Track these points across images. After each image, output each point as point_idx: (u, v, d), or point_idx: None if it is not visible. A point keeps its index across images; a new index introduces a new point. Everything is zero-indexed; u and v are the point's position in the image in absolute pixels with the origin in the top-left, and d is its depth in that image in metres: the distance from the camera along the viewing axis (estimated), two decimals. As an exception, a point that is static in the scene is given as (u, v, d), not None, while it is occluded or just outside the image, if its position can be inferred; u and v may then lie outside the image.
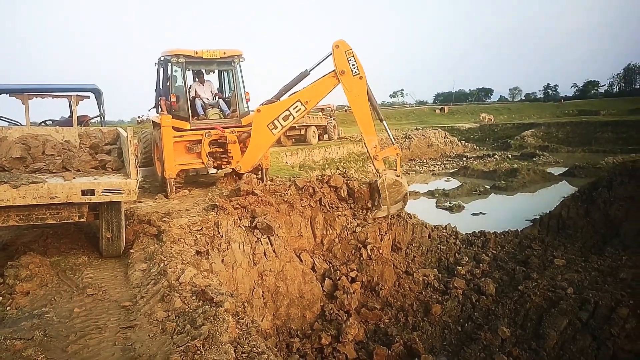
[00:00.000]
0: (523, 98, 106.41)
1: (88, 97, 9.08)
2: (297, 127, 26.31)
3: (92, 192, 5.21)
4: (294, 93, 9.31)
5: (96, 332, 3.96)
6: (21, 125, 8.47)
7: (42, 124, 9.51)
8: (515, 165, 27.06)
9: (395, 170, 9.59)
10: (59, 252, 6.17)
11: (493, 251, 11.43)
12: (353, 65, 8.78)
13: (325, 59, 9.07)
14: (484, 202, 20.81)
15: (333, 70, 8.95)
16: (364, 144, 9.39)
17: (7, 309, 4.37)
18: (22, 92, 8.52)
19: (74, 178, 5.46)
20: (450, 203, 20.01)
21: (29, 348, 3.57)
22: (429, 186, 24.99)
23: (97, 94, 9.20)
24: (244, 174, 9.55)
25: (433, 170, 30.99)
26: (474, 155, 36.07)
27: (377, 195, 9.47)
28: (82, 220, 5.68)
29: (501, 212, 18.45)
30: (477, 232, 12.61)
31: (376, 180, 9.49)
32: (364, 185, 10.02)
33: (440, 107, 73.68)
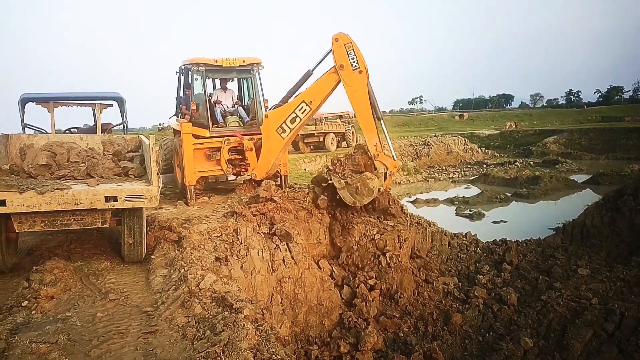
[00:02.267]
0: (545, 104, 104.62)
1: (111, 105, 9.28)
2: (315, 134, 26.45)
3: (115, 199, 5.31)
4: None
5: (118, 337, 4.02)
6: (47, 132, 8.69)
7: (67, 131, 9.74)
8: (537, 173, 26.58)
9: (384, 182, 8.77)
10: (83, 258, 6.29)
11: (515, 260, 11.23)
12: (353, 58, 8.31)
13: (326, 55, 8.72)
14: (505, 210, 20.49)
15: (333, 66, 8.58)
16: (365, 141, 8.76)
17: (33, 312, 4.47)
18: (48, 101, 8.75)
19: (98, 185, 5.57)
20: (470, 211, 19.76)
21: (53, 352, 3.63)
22: (449, 193, 24.73)
23: (120, 102, 9.39)
24: (263, 180, 9.62)
25: (452, 178, 30.68)
26: (495, 162, 35.60)
27: (353, 172, 8.77)
28: (105, 226, 5.79)
29: (523, 220, 18.15)
30: (498, 240, 12.41)
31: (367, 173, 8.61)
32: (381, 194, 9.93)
33: (460, 113, 73.00)
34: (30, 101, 8.79)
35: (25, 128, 8.87)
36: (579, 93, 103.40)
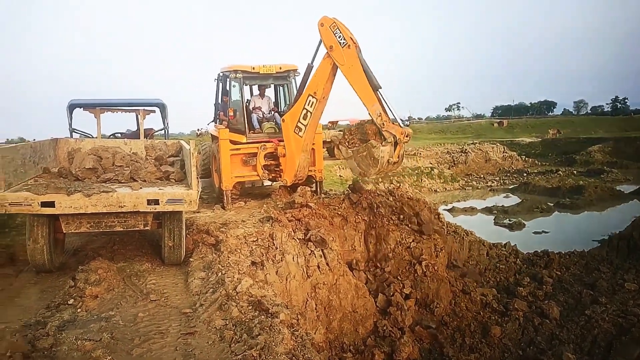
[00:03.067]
0: (589, 111, 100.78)
1: (154, 111, 9.58)
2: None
3: (157, 202, 5.45)
4: None
5: (159, 336, 4.11)
6: (93, 137, 9.05)
7: (112, 136, 10.11)
8: (581, 182, 25.61)
9: (397, 155, 8.20)
10: (125, 259, 6.49)
11: (557, 272, 10.84)
12: (339, 36, 8.15)
13: (319, 44, 8.60)
14: (546, 220, 19.83)
15: (326, 52, 8.45)
16: (369, 114, 8.26)
17: (78, 311, 4.63)
18: (95, 107, 9.12)
19: (141, 188, 5.75)
20: (509, 220, 19.23)
21: (97, 349, 3.76)
22: (487, 202, 24.16)
23: (162, 108, 9.68)
24: (299, 186, 9.67)
25: (491, 186, 29.95)
26: (536, 171, 34.53)
27: (361, 139, 8.40)
28: (146, 228, 5.97)
29: (565, 232, 17.53)
30: (539, 251, 12.02)
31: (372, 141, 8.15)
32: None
33: (499, 120, 71.26)
34: (78, 107, 9.18)
35: (73, 133, 9.25)
36: (626, 100, 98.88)
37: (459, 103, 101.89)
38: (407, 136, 8.06)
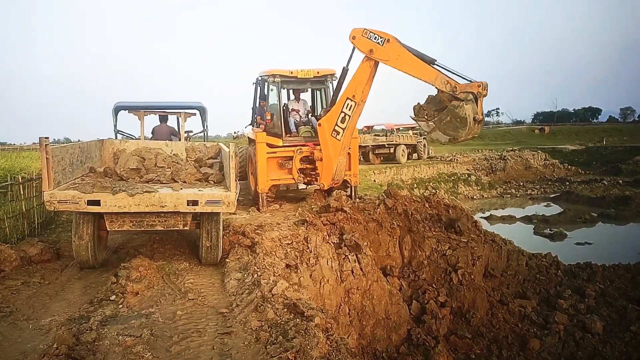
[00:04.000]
0: (636, 119, 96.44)
1: (194, 114, 9.80)
2: (386, 145, 26.24)
3: (196, 203, 5.57)
4: None
5: (196, 335, 4.19)
6: (136, 138, 9.34)
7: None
8: (628, 193, 24.53)
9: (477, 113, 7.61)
10: (164, 257, 6.66)
11: (600, 285, 10.39)
12: (375, 38, 8.17)
13: (353, 51, 8.67)
14: (590, 231, 19.07)
15: (365, 56, 8.45)
16: (437, 89, 7.84)
17: (120, 307, 4.78)
18: (139, 109, 9.42)
19: (181, 189, 5.89)
20: (550, 230, 18.61)
21: (137, 345, 3.86)
22: (526, 211, 23.47)
23: (202, 111, 9.89)
24: (334, 190, 9.68)
25: (531, 194, 29.10)
26: (579, 180, 33.30)
27: (437, 109, 7.94)
28: (185, 228, 6.10)
29: (610, 243, 16.82)
30: (581, 263, 11.55)
31: (454, 101, 7.67)
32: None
33: (540, 127, 69.17)
34: (123, 109, 9.50)
35: (117, 134, 9.58)
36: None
37: (497, 109, 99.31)
38: (484, 88, 7.53)
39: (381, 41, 8.12)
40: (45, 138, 5.25)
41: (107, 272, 6.04)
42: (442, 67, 7.87)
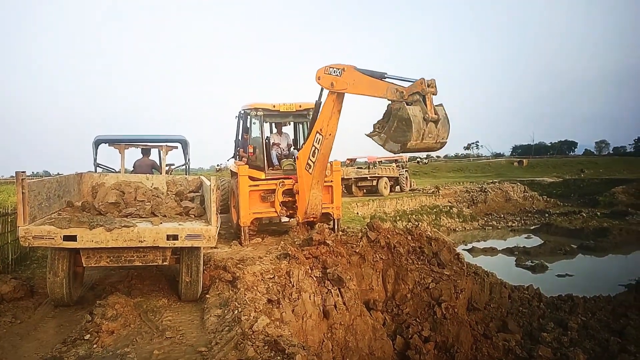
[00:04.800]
0: (611, 152, 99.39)
1: (176, 147, 9.77)
2: (368, 178, 26.43)
3: (176, 237, 5.49)
4: None
5: (173, 376, 4.05)
6: (116, 172, 9.24)
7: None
8: (606, 224, 25.00)
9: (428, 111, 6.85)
10: (142, 294, 6.49)
11: (582, 318, 10.45)
12: (334, 71, 8.27)
13: (322, 89, 8.81)
14: (570, 263, 19.28)
15: (329, 91, 8.54)
16: (389, 100, 7.37)
17: (94, 346, 4.61)
18: (120, 143, 9.36)
19: (161, 223, 5.80)
20: (532, 262, 18.75)
21: (111, 387, 3.71)
22: (508, 243, 23.66)
23: (184, 144, 9.88)
24: (317, 223, 9.65)
25: (512, 226, 29.41)
26: (558, 212, 33.83)
27: (387, 119, 7.40)
28: (165, 263, 5.98)
29: (590, 275, 17.00)
30: (563, 295, 11.65)
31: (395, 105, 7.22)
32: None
33: (519, 159, 70.71)
34: (104, 142, 9.44)
35: (97, 167, 9.48)
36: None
37: (477, 142, 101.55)
38: (428, 86, 6.82)
39: (339, 72, 8.22)
40: (22, 172, 5.16)
41: (83, 310, 5.85)
42: (393, 78, 7.61)
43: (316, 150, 8.90)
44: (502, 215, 33.14)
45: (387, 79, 7.56)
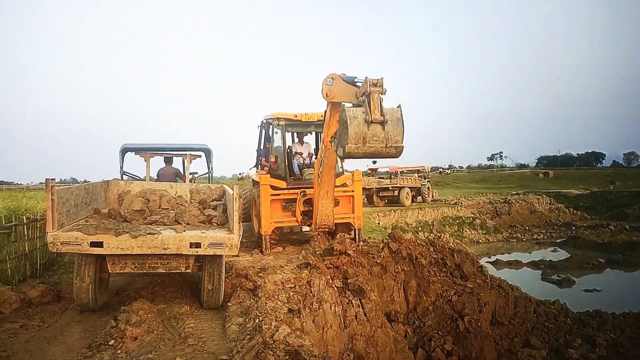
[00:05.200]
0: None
1: (200, 156, 9.92)
2: (390, 188, 26.29)
3: (199, 245, 5.55)
4: None
5: (194, 383, 4.07)
6: (142, 179, 9.42)
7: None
8: (635, 238, 24.23)
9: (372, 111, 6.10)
10: (165, 300, 6.56)
11: (611, 335, 10.11)
12: (329, 80, 7.91)
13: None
14: (598, 278, 18.74)
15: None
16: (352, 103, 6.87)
17: (118, 352, 4.67)
18: (146, 151, 9.56)
19: (185, 231, 5.88)
20: (558, 276, 18.29)
21: (134, 392, 3.75)
22: (533, 256, 23.14)
23: (208, 153, 10.02)
24: (338, 233, 9.65)
25: (537, 239, 28.80)
26: (585, 225, 33.00)
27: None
28: (187, 271, 6.04)
29: (620, 290, 16.47)
30: (591, 311, 11.29)
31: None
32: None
33: (545, 171, 69.36)
34: (130, 151, 9.64)
35: (123, 175, 9.68)
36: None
37: (501, 152, 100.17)
38: (374, 85, 6.11)
39: (331, 82, 8.02)
40: (52, 179, 5.31)
41: (107, 315, 5.94)
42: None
43: (322, 159, 8.83)
44: (527, 228, 32.50)
45: (357, 82, 7.03)
